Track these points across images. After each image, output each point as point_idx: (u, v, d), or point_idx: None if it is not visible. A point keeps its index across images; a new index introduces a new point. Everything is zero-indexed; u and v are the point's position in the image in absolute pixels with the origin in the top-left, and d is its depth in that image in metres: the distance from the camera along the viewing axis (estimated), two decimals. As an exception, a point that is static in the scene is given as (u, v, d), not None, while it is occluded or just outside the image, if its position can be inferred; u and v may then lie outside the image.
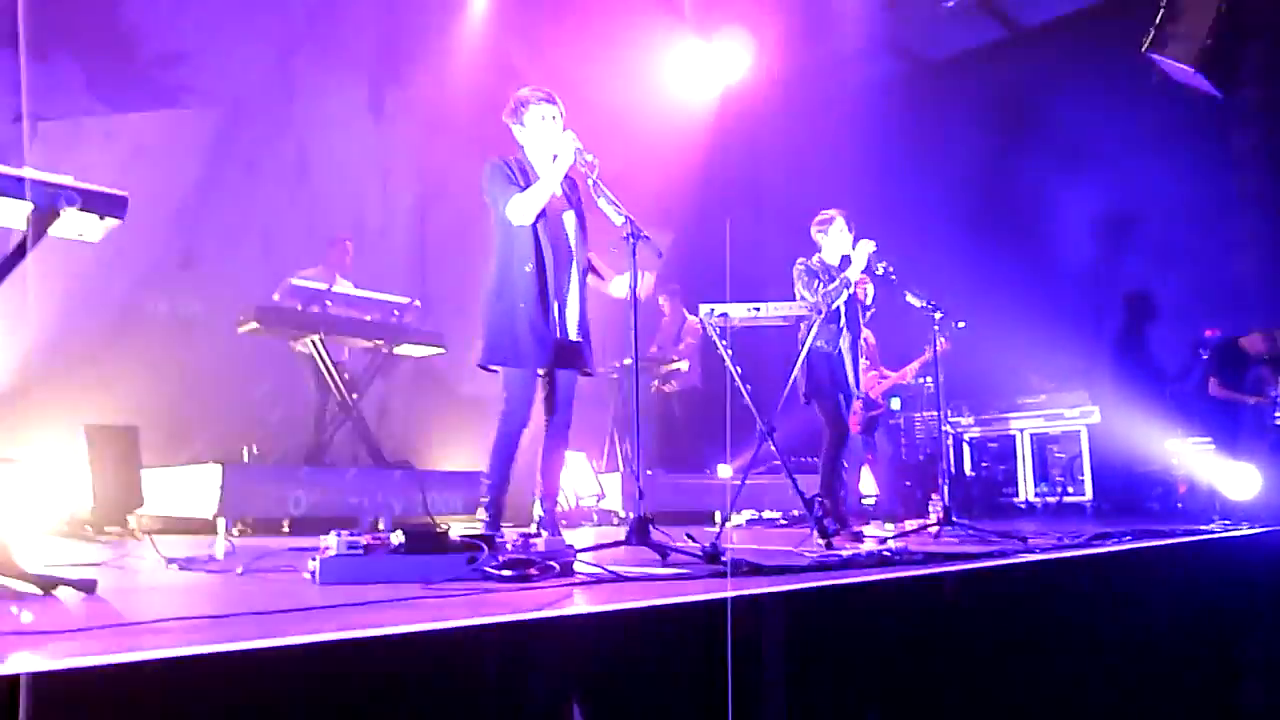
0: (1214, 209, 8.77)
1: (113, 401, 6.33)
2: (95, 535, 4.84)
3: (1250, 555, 4.42)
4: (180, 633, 1.64)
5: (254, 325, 5.99)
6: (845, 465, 5.32)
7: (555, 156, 3.69)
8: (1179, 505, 7.58)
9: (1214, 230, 8.73)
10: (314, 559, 2.49)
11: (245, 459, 6.01)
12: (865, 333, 7.51)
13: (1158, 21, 7.52)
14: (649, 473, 7.26)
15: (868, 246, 5.03)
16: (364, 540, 2.48)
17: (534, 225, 3.68)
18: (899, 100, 10.91)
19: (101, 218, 2.51)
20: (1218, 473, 6.53)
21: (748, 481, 4.83)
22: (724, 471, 8.13)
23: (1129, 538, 3.95)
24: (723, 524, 3.92)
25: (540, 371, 3.78)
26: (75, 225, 2.53)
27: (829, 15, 10.11)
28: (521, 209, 3.62)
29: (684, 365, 8.35)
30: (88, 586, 2.17)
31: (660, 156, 9.55)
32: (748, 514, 6.87)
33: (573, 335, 3.79)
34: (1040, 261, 9.45)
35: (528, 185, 3.69)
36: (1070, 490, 8.29)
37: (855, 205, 5.41)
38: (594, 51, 9.55)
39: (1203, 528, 4.74)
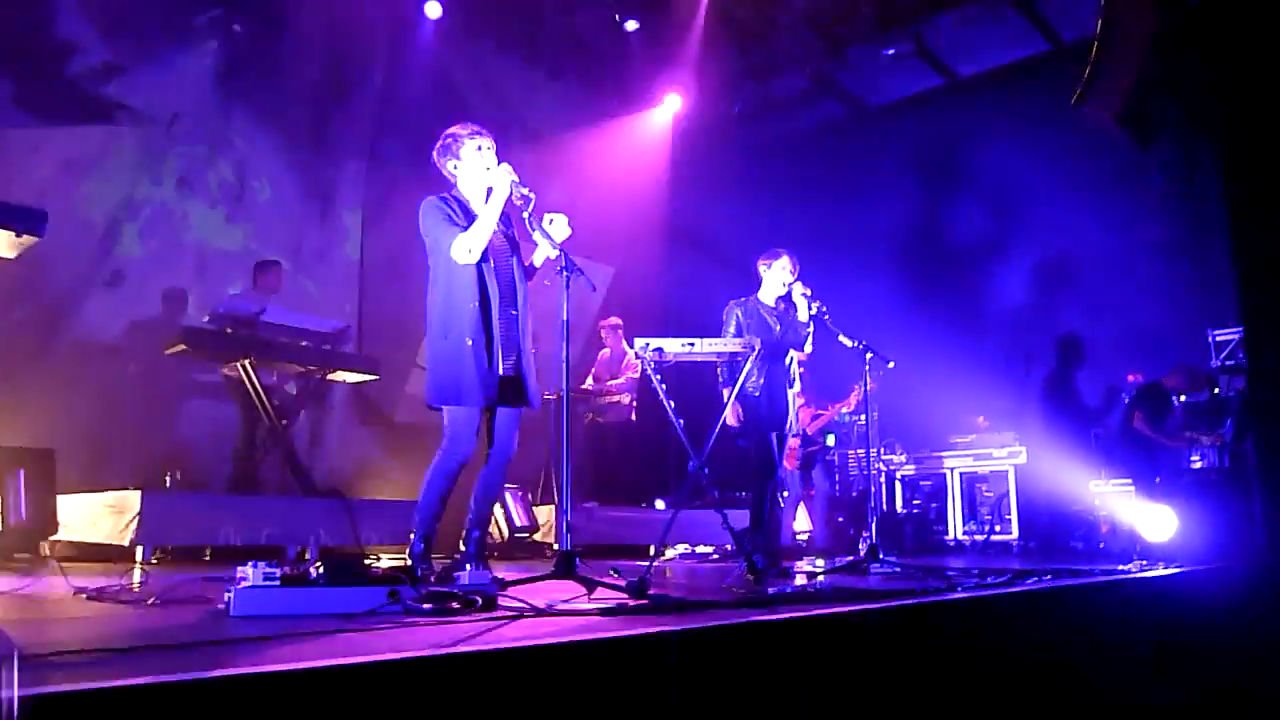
0: (1138, 258, 9.09)
1: (30, 422, 6.12)
2: (3, 562, 4.66)
3: (1167, 595, 4.53)
4: (79, 666, 1.58)
5: (182, 347, 5.86)
6: (780, 501, 5.36)
7: (490, 191, 3.71)
8: (1101, 545, 7.76)
9: (1137, 278, 9.04)
10: (229, 590, 2.43)
11: (167, 485, 5.84)
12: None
13: (1084, 77, 7.81)
14: (586, 505, 7.23)
15: (800, 289, 5.15)
16: (282, 571, 2.43)
17: (478, 262, 3.69)
18: (838, 143, 11.16)
19: (18, 234, 2.45)
20: (1137, 514, 6.70)
21: (682, 515, 4.83)
22: (661, 505, 8.13)
23: (1049, 577, 4.03)
24: (652, 559, 3.91)
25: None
26: (-9, 242, 2.46)
27: (774, 59, 10.32)
28: (466, 247, 3.63)
29: (625, 398, 8.35)
30: (-15, 617, 2.08)
31: (603, 191, 9.61)
32: (681, 548, 6.86)
33: (514, 372, 3.81)
34: (971, 305, 9.69)
35: (468, 222, 3.70)
36: (998, 529, 8.44)
37: (792, 243, 5.49)
38: (538, 83, 9.62)
39: (1121, 568, 4.85)
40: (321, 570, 2.44)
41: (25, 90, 6.69)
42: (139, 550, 5.05)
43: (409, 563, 3.56)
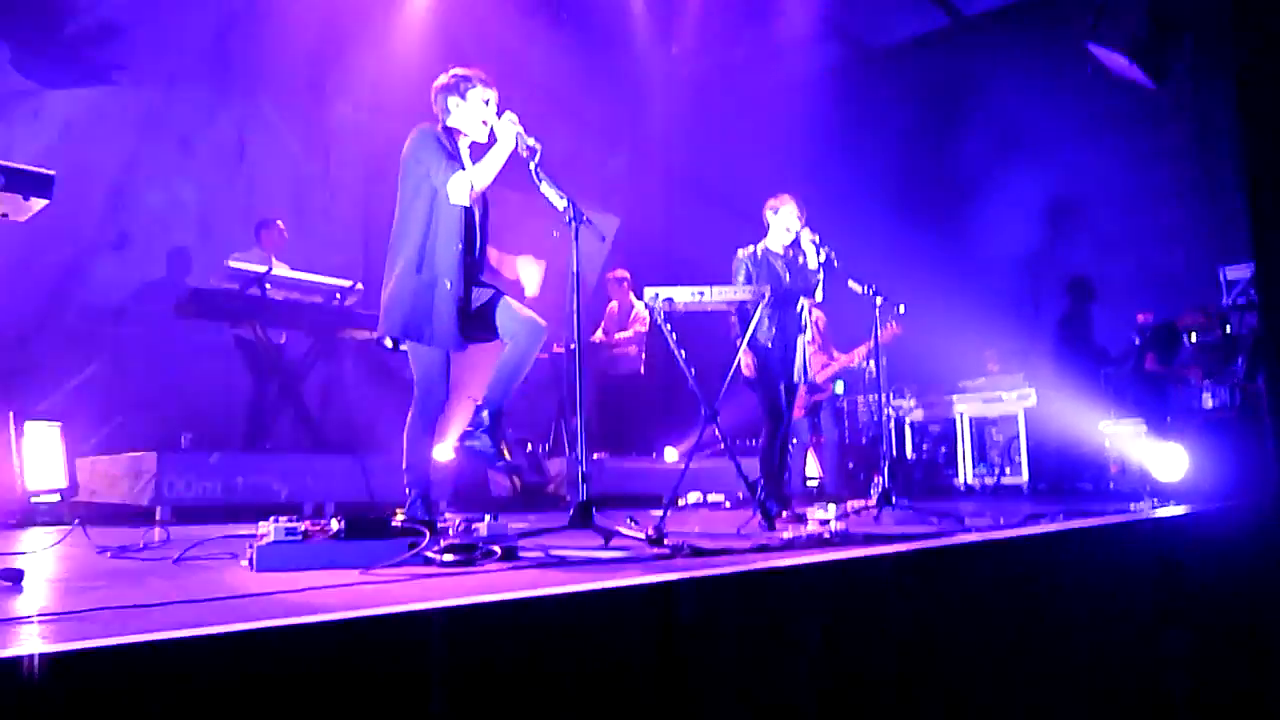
0: (1149, 197, 9.01)
1: (42, 387, 6.17)
2: (26, 524, 4.72)
3: (1178, 534, 4.56)
4: (110, 622, 1.61)
5: (192, 309, 5.86)
6: (791, 448, 5.38)
7: (475, 145, 3.66)
8: (1111, 486, 7.79)
9: (1148, 217, 8.97)
10: (251, 546, 2.45)
11: (182, 445, 5.89)
12: (816, 314, 7.57)
13: (1095, 11, 7.67)
14: (596, 457, 7.27)
15: (808, 235, 5.10)
16: (303, 526, 2.45)
17: (466, 206, 3.63)
18: (843, 86, 11.02)
19: (27, 198, 2.44)
20: (1148, 454, 6.72)
21: (693, 465, 4.86)
22: (670, 455, 8.17)
23: (1061, 517, 4.05)
24: (666, 508, 3.95)
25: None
26: (0, 205, 2.45)
27: (776, 1, 10.15)
28: (466, 185, 3.54)
29: (633, 350, 8.35)
30: (14, 576, 2.11)
31: (606, 140, 9.53)
32: (693, 497, 6.91)
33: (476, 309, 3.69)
34: (980, 247, 9.62)
35: (458, 162, 3.63)
36: (1008, 471, 8.47)
37: (799, 189, 5.44)
38: (539, 34, 9.49)
39: (1133, 507, 4.88)
40: (342, 524, 2.47)
41: (23, 53, 6.62)
42: (158, 510, 5.11)
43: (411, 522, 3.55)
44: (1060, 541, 3.69)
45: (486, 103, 3.71)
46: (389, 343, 3.63)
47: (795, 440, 7.64)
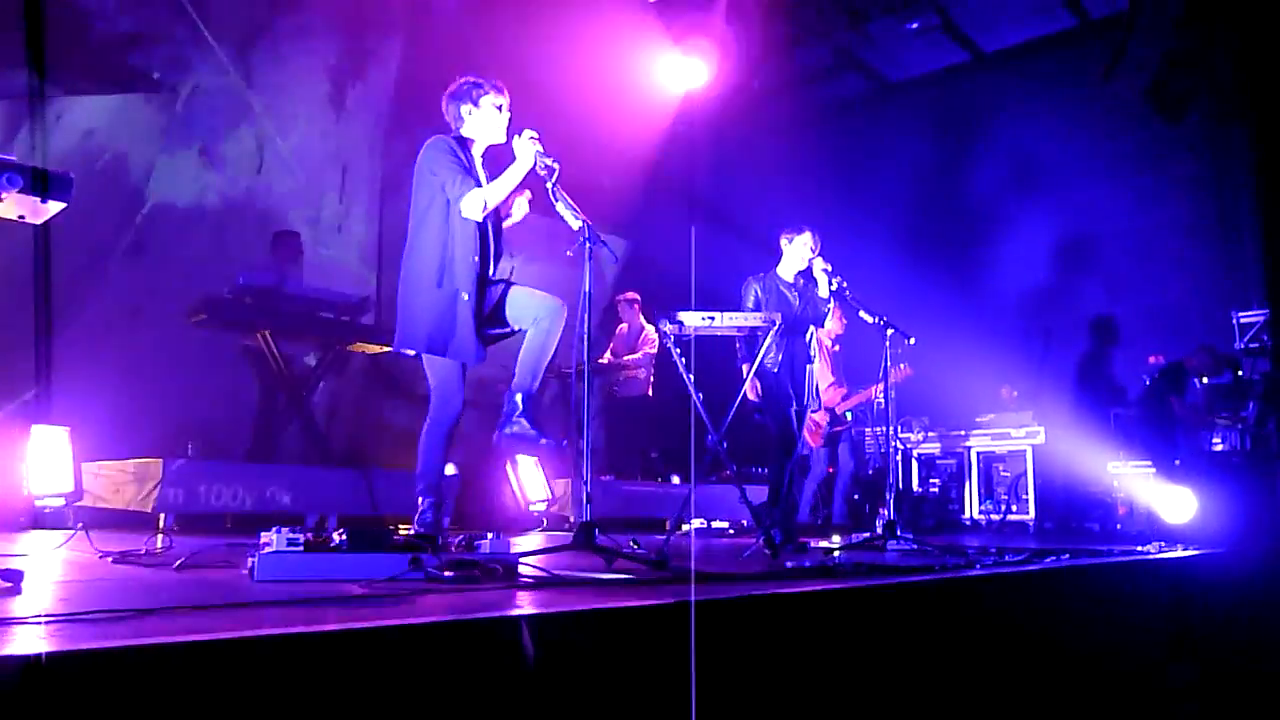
0: (1162, 238, 9.00)
1: (53, 390, 6.18)
2: (28, 527, 4.72)
3: (1185, 577, 4.52)
4: (110, 625, 1.60)
5: (203, 318, 5.89)
6: (798, 477, 5.36)
7: (504, 138, 3.68)
8: (1118, 526, 7.73)
9: (1162, 259, 8.96)
10: (253, 555, 2.45)
11: (188, 453, 5.89)
12: (835, 347, 7.56)
13: (1113, 52, 7.71)
14: (604, 479, 7.24)
15: (820, 265, 5.11)
16: (305, 537, 2.45)
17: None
18: (861, 118, 11.07)
19: (45, 200, 2.46)
20: (1156, 496, 6.67)
21: (698, 490, 4.84)
22: (676, 480, 8.14)
23: (1067, 555, 4.02)
24: (669, 532, 3.93)
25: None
26: (17, 207, 2.47)
27: (796, 32, 10.21)
28: (480, 203, 3.54)
29: (641, 373, 8.34)
30: (15, 578, 2.11)
31: (622, 163, 9.57)
32: (697, 523, 6.88)
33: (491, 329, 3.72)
34: (992, 282, 9.62)
35: (472, 174, 3.65)
36: (1014, 508, 8.42)
37: (814, 219, 5.45)
38: (559, 55, 9.56)
39: (1139, 549, 4.84)
40: (344, 537, 2.46)
41: (47, 58, 6.69)
42: (161, 517, 5.11)
43: (420, 531, 3.56)
44: (1065, 578, 3.66)
45: (499, 109, 3.72)
46: (409, 351, 3.66)
47: (810, 470, 7.64)
